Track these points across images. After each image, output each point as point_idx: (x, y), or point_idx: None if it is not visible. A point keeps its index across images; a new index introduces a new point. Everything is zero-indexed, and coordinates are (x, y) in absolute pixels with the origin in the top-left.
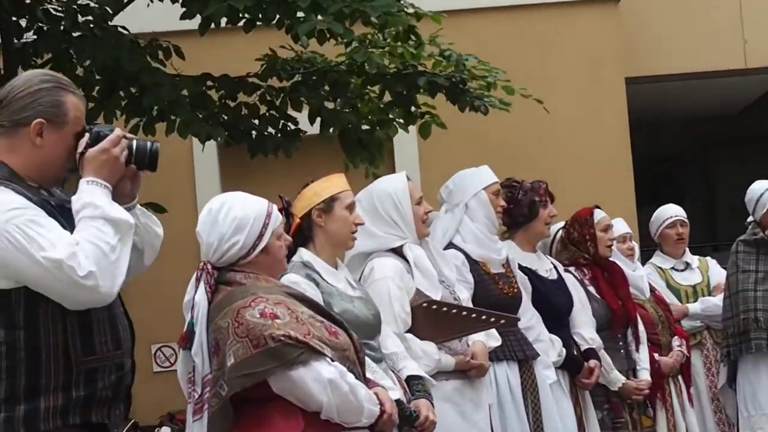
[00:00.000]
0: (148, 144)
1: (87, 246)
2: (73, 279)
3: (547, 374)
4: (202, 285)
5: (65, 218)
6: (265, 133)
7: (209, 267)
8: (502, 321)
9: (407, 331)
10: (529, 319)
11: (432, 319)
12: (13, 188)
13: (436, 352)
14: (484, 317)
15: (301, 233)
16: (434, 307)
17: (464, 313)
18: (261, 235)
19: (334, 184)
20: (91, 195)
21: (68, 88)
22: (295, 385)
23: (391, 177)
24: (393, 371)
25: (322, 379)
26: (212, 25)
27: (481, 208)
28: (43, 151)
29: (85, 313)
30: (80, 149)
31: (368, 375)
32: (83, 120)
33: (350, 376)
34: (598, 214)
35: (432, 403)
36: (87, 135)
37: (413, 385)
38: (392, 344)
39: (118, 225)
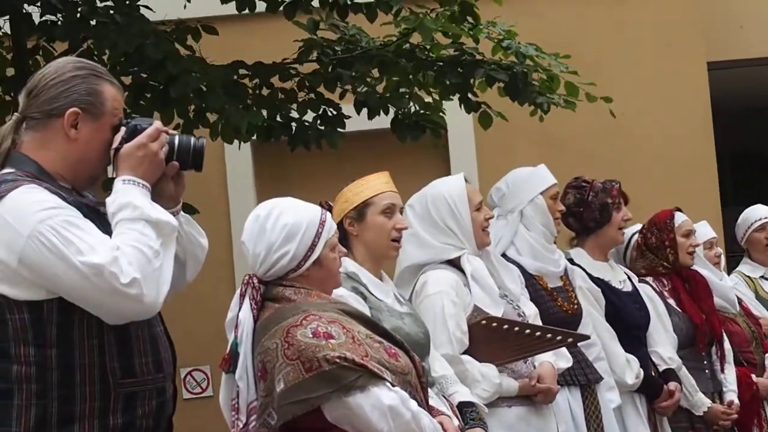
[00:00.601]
0: (192, 140)
1: (129, 250)
2: (115, 287)
3: (610, 398)
4: (246, 301)
5: (101, 223)
6: (306, 122)
7: (255, 281)
8: (570, 339)
9: (464, 352)
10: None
11: (492, 339)
12: (45, 187)
13: (497, 375)
14: (549, 335)
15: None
16: (494, 324)
17: (528, 331)
18: (314, 245)
19: (368, 186)
20: (128, 195)
21: (105, 77)
22: (352, 413)
23: (447, 179)
24: (444, 397)
25: (381, 407)
26: (247, 10)
27: (538, 215)
28: (78, 146)
29: (125, 330)
30: (115, 144)
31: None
32: (121, 112)
33: (413, 403)
34: (680, 218)
35: None
36: (123, 129)
37: (466, 412)
38: (440, 367)
39: (160, 227)
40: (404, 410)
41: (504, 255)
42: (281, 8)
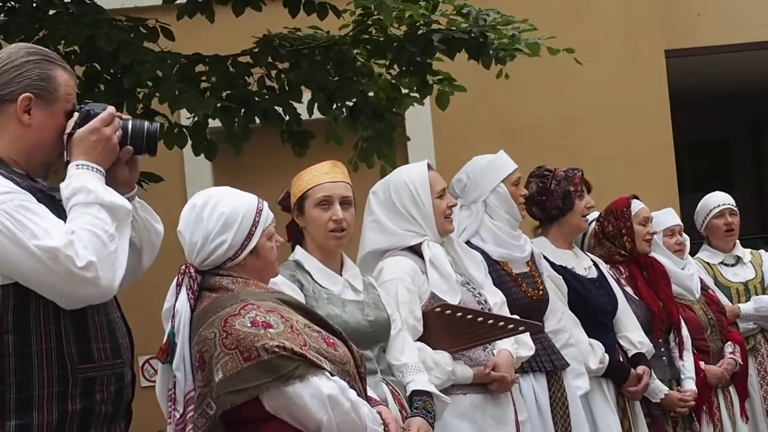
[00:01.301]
0: (146, 124)
1: (84, 234)
2: (71, 270)
3: (577, 384)
4: (183, 291)
5: (55, 209)
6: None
7: (192, 271)
8: (521, 328)
9: (419, 339)
10: (557, 321)
11: (446, 326)
12: None
13: (450, 363)
14: (501, 323)
15: (299, 231)
16: (448, 312)
17: (480, 319)
18: (250, 234)
19: (307, 179)
20: (82, 179)
21: (57, 62)
22: (291, 402)
23: (410, 166)
24: (391, 385)
25: (321, 396)
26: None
27: (502, 204)
28: (31, 131)
29: (81, 316)
30: (68, 129)
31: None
32: (74, 98)
33: (352, 393)
34: (636, 205)
35: (431, 424)
36: (76, 114)
37: (414, 401)
38: (408, 355)
39: (114, 211)
40: (343, 399)
41: (468, 242)
42: (230, 5)
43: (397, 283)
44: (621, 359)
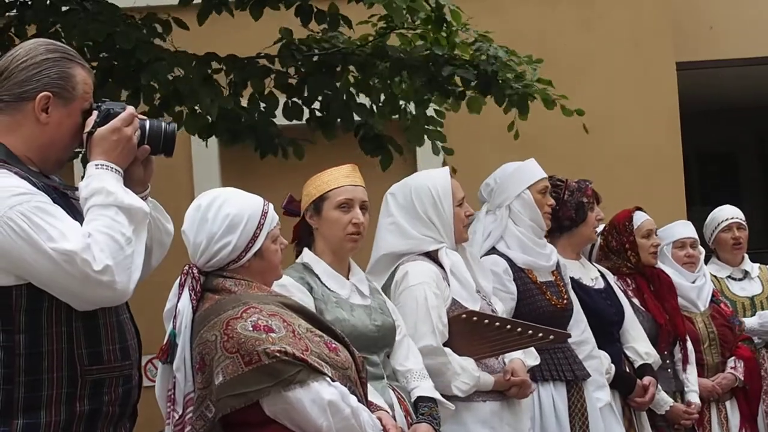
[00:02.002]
0: (163, 124)
1: (101, 237)
2: (87, 274)
3: (598, 396)
4: (186, 291)
5: (68, 207)
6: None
7: (195, 271)
8: (551, 337)
9: (443, 345)
10: (582, 332)
11: (470, 333)
12: (15, 171)
13: (476, 369)
14: (530, 332)
15: (309, 233)
16: (475, 318)
17: (508, 326)
18: (255, 237)
19: (326, 180)
20: (102, 180)
21: (76, 60)
22: (291, 408)
23: (432, 171)
24: (397, 390)
25: (321, 401)
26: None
27: (526, 210)
28: (47, 130)
29: (93, 317)
30: (88, 128)
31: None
32: (91, 96)
33: (353, 399)
34: (639, 218)
35: (436, 430)
36: (96, 113)
37: (419, 407)
38: (413, 361)
39: (132, 214)
40: (344, 406)
41: (494, 249)
42: (248, 8)
43: (425, 288)
44: (627, 370)
